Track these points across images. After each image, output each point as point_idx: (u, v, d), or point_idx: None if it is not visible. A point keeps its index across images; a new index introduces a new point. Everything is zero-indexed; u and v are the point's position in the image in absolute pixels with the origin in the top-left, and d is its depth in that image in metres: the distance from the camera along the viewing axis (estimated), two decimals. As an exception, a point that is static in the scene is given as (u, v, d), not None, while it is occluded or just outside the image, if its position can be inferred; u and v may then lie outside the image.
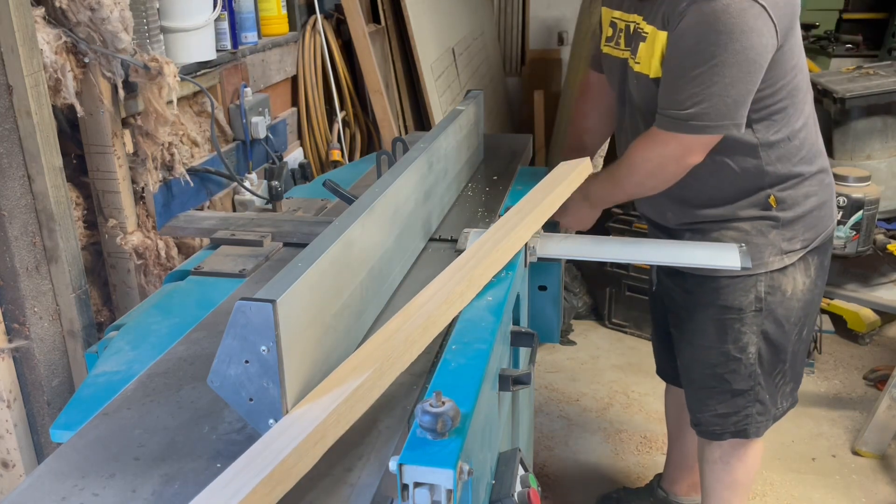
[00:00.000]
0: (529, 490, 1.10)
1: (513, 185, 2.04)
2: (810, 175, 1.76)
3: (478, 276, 1.31)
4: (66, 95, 1.66)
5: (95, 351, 1.36)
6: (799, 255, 1.78)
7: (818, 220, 1.79)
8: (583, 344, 3.53)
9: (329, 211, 1.97)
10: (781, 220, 1.75)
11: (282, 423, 0.94)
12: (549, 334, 1.76)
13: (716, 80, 1.54)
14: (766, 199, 1.75)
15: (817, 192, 1.78)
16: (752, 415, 1.87)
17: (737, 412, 1.87)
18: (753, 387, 1.84)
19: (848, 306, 3.40)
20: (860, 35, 4.57)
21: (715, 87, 1.55)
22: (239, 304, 0.92)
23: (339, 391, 0.97)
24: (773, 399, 1.89)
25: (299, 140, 3.05)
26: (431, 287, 1.26)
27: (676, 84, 1.60)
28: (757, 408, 1.87)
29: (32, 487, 0.92)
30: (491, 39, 4.80)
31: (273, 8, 2.74)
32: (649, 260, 1.70)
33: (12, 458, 1.73)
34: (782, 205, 1.75)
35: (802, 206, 1.76)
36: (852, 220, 3.04)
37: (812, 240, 1.79)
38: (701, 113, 1.58)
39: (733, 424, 1.89)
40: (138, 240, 1.87)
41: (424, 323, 1.14)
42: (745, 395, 1.85)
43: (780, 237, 1.76)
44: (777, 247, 1.76)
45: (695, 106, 1.58)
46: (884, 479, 2.63)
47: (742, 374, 1.84)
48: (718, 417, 1.90)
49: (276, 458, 0.85)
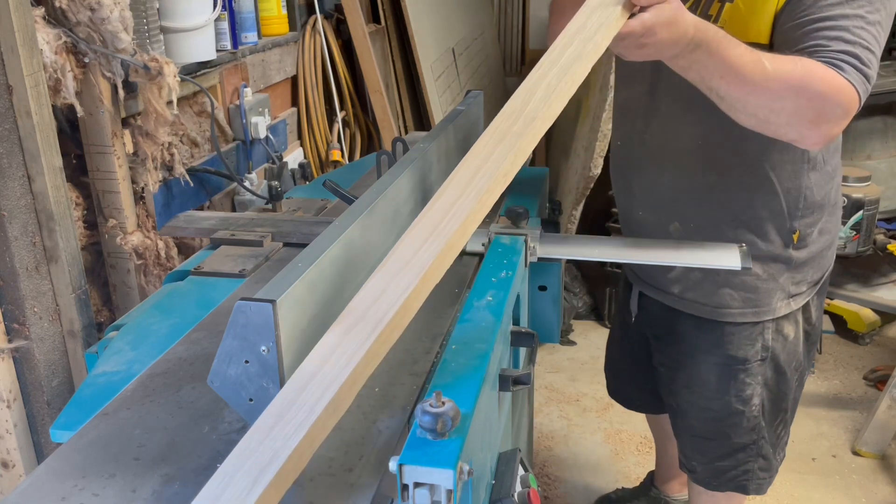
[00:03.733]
0: (529, 490, 1.10)
1: (513, 185, 2.03)
2: (831, 207, 1.60)
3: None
4: (66, 95, 1.66)
5: (95, 351, 1.36)
6: (805, 298, 1.65)
7: (825, 258, 1.66)
8: (583, 344, 3.53)
9: (329, 211, 1.96)
10: (794, 262, 1.59)
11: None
12: (549, 334, 1.76)
13: (878, 32, 1.27)
14: (791, 236, 1.56)
15: (833, 228, 1.63)
16: (753, 470, 1.74)
17: (736, 466, 1.75)
18: (757, 440, 1.71)
19: (848, 306, 3.40)
20: (860, 35, 4.57)
21: (875, 42, 1.26)
22: (239, 304, 0.92)
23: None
24: (776, 451, 1.76)
25: (299, 140, 3.05)
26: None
27: (848, 22, 1.25)
28: (759, 463, 1.73)
29: (32, 487, 0.92)
30: (491, 39, 4.79)
31: (273, 8, 2.74)
32: (649, 260, 1.70)
33: (12, 458, 1.73)
34: (801, 242, 1.58)
35: (817, 244, 1.61)
36: (852, 220, 3.04)
37: (817, 281, 1.66)
38: (870, 63, 1.25)
39: (731, 479, 1.76)
40: (138, 240, 1.87)
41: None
42: (746, 449, 1.72)
43: (789, 280, 1.61)
44: (786, 291, 1.62)
45: (864, 60, 1.25)
46: (884, 479, 2.63)
47: (745, 428, 1.69)
48: (716, 470, 1.78)
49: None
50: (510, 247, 1.52)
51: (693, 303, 1.68)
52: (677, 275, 1.67)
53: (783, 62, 1.24)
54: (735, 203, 1.56)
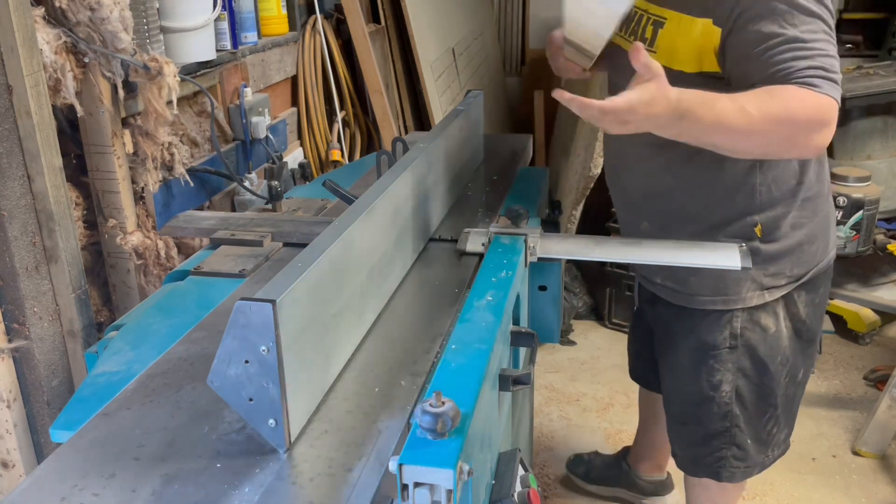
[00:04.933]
0: (529, 490, 1.10)
1: (513, 185, 2.04)
2: (804, 201, 1.60)
3: None
4: (65, 95, 1.66)
5: (95, 351, 1.36)
6: (783, 290, 1.65)
7: (809, 255, 1.64)
8: (583, 344, 3.53)
9: (329, 211, 1.97)
10: (763, 254, 1.60)
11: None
12: (549, 334, 1.76)
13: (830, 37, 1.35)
14: (752, 229, 1.60)
15: (808, 223, 1.62)
16: (726, 458, 1.77)
17: (711, 453, 1.78)
18: (729, 428, 1.74)
19: (848, 306, 3.40)
20: (860, 35, 4.57)
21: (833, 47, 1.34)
22: (239, 304, 0.92)
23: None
24: (762, 446, 1.78)
25: (299, 140, 3.05)
26: None
27: (796, 43, 1.34)
28: (733, 451, 1.76)
29: (32, 487, 0.92)
30: (491, 39, 4.79)
31: (273, 8, 2.74)
32: (649, 260, 1.70)
33: (12, 458, 1.73)
34: (767, 236, 1.60)
35: (789, 239, 1.61)
36: (852, 220, 3.04)
37: (801, 275, 1.65)
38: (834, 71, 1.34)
39: (707, 466, 1.80)
40: (138, 240, 1.87)
41: None
42: (719, 436, 1.75)
43: (760, 272, 1.62)
44: (757, 282, 1.63)
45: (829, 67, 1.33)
46: (884, 479, 2.63)
47: (716, 414, 1.73)
48: (692, 455, 1.83)
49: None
50: (510, 247, 1.53)
51: (672, 291, 1.75)
52: (660, 267, 1.72)
53: (763, 100, 1.31)
54: (692, 203, 1.63)
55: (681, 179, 1.62)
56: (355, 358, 1.19)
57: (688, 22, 1.45)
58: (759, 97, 1.32)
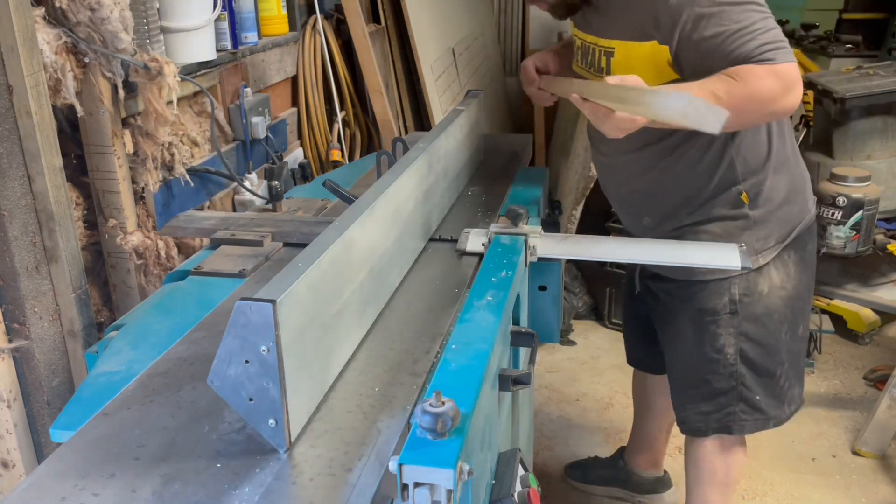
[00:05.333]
0: (529, 490, 1.10)
1: (513, 185, 2.04)
2: (778, 167, 1.75)
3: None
4: (66, 95, 1.66)
5: (95, 351, 1.36)
6: (774, 252, 1.77)
7: (791, 214, 1.78)
8: (583, 344, 3.53)
9: (329, 211, 1.97)
10: (753, 219, 1.74)
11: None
12: (549, 334, 1.76)
13: (764, 13, 1.52)
14: (738, 197, 1.73)
15: (786, 184, 1.76)
16: (735, 412, 1.86)
17: (719, 409, 1.87)
18: (736, 386, 1.83)
19: (848, 306, 3.40)
20: (860, 35, 4.57)
21: (769, 20, 1.53)
22: (239, 304, 0.92)
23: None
24: (778, 401, 1.86)
25: (299, 140, 3.05)
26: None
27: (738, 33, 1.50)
28: (741, 406, 1.85)
29: (32, 487, 0.92)
30: (491, 39, 4.79)
31: (273, 8, 2.74)
32: (649, 260, 1.70)
33: (12, 458, 1.73)
34: (754, 202, 1.73)
35: (774, 201, 1.75)
36: (852, 220, 3.04)
37: (787, 235, 1.78)
38: (779, 40, 1.51)
39: (716, 421, 1.88)
40: (138, 240, 1.87)
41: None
42: (727, 393, 1.84)
43: (752, 237, 1.74)
44: (751, 248, 1.73)
45: (773, 40, 1.51)
46: (884, 479, 2.63)
47: (722, 374, 1.83)
48: (702, 415, 1.90)
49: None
50: (510, 247, 1.53)
51: (674, 268, 1.82)
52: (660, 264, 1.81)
53: (729, 84, 1.49)
54: (682, 189, 1.75)
55: (666, 172, 1.74)
56: (355, 358, 1.19)
57: (636, 47, 1.60)
58: (726, 81, 1.49)
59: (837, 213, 3.08)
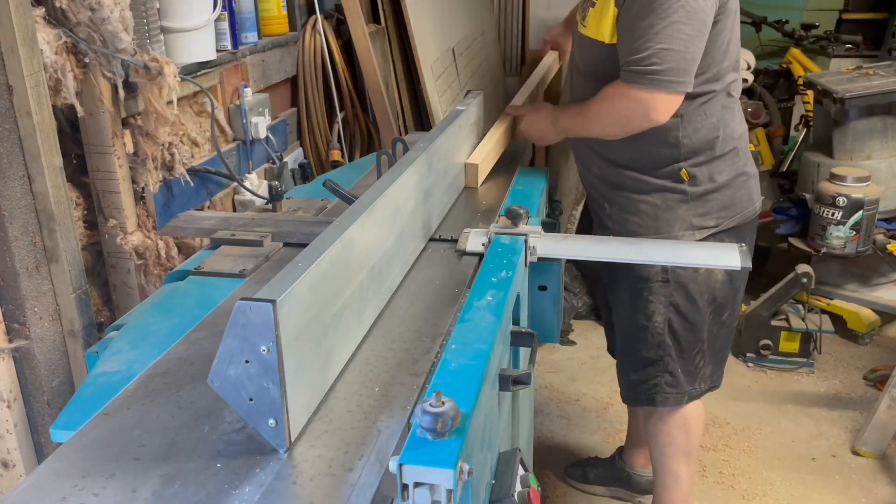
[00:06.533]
0: (529, 490, 1.10)
1: (513, 185, 2.04)
2: (723, 154, 1.83)
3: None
4: (66, 95, 1.66)
5: (95, 351, 1.36)
6: (711, 231, 1.84)
7: (734, 199, 1.85)
8: (583, 344, 3.53)
9: (329, 211, 1.97)
10: (690, 195, 1.83)
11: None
12: (549, 334, 1.76)
13: (676, 36, 1.61)
14: (678, 172, 1.82)
15: (729, 170, 1.84)
16: (660, 384, 1.94)
17: (645, 381, 1.95)
18: (663, 357, 1.92)
19: (848, 306, 3.40)
20: (860, 35, 4.57)
21: (676, 44, 1.62)
22: (239, 304, 0.92)
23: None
24: (690, 377, 1.95)
25: (299, 140, 3.05)
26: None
27: (637, 41, 1.64)
28: (666, 378, 1.94)
29: (32, 487, 0.92)
30: (491, 39, 4.79)
31: (273, 8, 2.74)
32: (649, 260, 1.70)
33: (12, 458, 1.73)
34: (693, 180, 1.82)
35: (713, 182, 1.83)
36: (852, 220, 3.04)
37: (728, 218, 1.85)
38: (667, 69, 1.64)
39: (643, 392, 1.97)
40: (138, 240, 1.87)
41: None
42: (654, 364, 1.93)
43: (690, 212, 1.83)
44: (687, 221, 1.83)
45: (660, 63, 1.63)
46: (884, 479, 2.63)
47: (650, 343, 1.91)
48: (631, 384, 2.00)
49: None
50: (510, 247, 1.53)
51: (617, 233, 1.95)
52: (609, 212, 1.95)
53: (597, 103, 1.77)
54: (628, 149, 1.84)
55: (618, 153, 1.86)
56: (355, 358, 1.19)
57: (608, 2, 1.72)
58: (591, 102, 1.78)
59: (837, 213, 3.08)
